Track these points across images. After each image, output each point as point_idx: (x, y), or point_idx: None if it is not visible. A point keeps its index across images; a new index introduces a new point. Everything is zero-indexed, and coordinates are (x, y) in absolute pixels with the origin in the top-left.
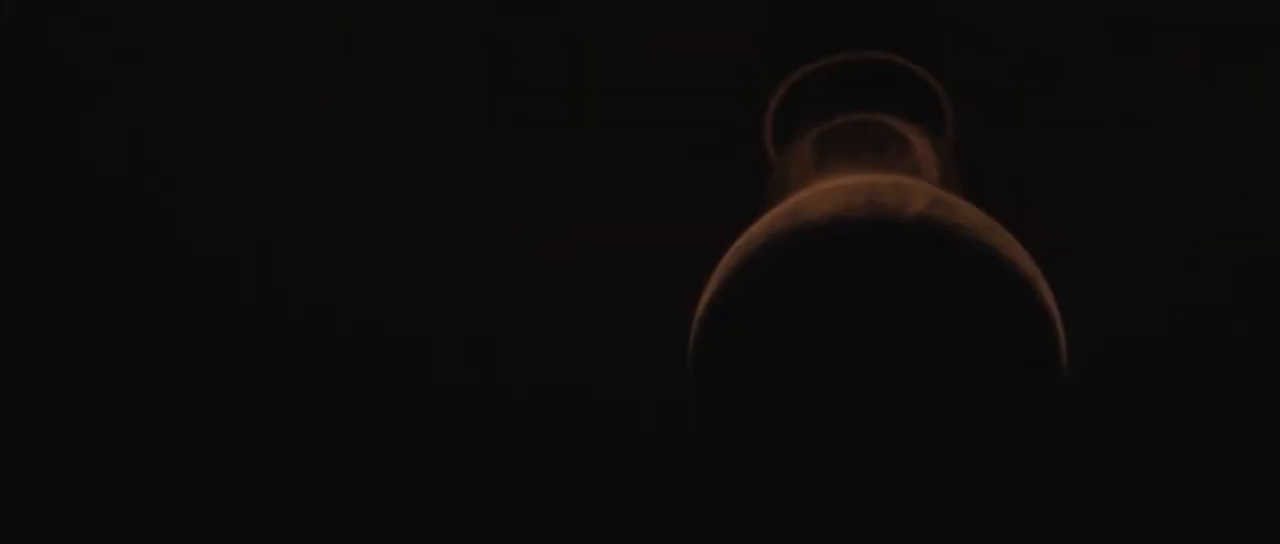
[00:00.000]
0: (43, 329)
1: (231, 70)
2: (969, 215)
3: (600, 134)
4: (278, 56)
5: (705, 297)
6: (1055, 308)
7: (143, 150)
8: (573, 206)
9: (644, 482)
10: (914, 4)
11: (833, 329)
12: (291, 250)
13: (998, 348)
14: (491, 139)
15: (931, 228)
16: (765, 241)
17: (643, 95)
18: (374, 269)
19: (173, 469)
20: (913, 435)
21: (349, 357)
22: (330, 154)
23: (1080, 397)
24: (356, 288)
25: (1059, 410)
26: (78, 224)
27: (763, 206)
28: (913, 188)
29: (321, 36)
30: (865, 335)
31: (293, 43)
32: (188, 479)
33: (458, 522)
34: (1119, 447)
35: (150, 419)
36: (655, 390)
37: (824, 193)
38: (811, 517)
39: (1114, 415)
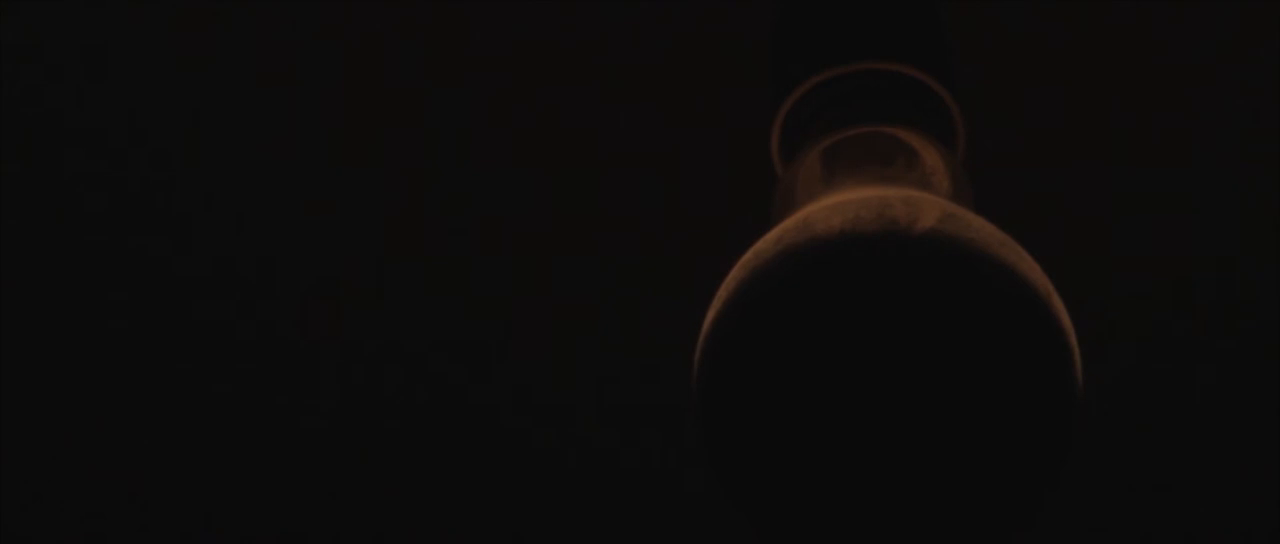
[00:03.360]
0: (43, 335)
1: (231, 77)
2: (981, 229)
3: (602, 143)
4: (277, 59)
5: (712, 312)
6: (1069, 325)
7: (137, 154)
8: (574, 219)
9: (645, 495)
10: (922, 15)
11: (842, 345)
12: (290, 255)
13: (1010, 366)
14: (490, 137)
15: (943, 242)
16: (774, 256)
17: (645, 107)
18: (370, 273)
19: (170, 474)
20: (923, 455)
21: (342, 366)
22: (327, 158)
23: (1094, 411)
24: (353, 293)
25: (1073, 430)
26: (79, 243)
27: (770, 220)
28: (923, 201)
29: (322, 36)
30: (875, 351)
31: (292, 43)
32: (185, 485)
33: (457, 527)
34: (1133, 461)
35: (149, 420)
36: (658, 402)
37: (833, 207)
38: (818, 536)
39: (1127, 428)
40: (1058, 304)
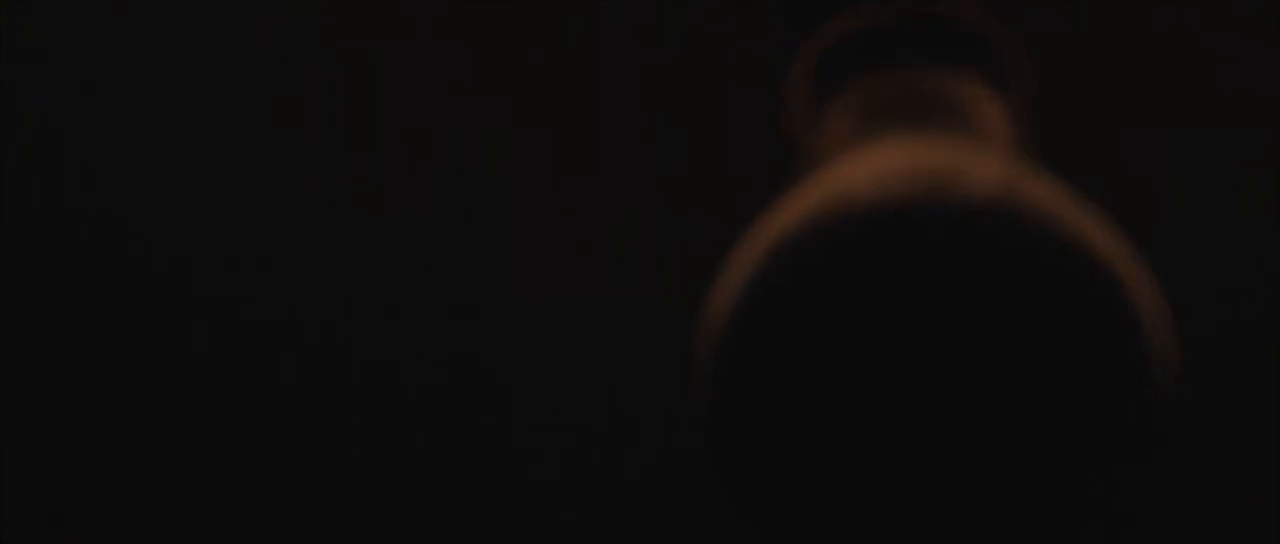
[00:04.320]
0: (40, 335)
1: (232, 79)
2: (1046, 193)
3: (602, 143)
4: (278, 59)
5: (725, 291)
6: (1153, 307)
7: (132, 155)
8: (574, 219)
9: (645, 496)
10: None
11: (879, 331)
12: (288, 255)
13: (1081, 358)
14: (489, 137)
15: (1000, 208)
16: (795, 228)
17: (645, 107)
18: (369, 273)
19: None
20: (974, 458)
21: (339, 367)
22: (325, 158)
23: (1183, 409)
24: (351, 293)
25: (1155, 433)
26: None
27: (795, 180)
28: (977, 160)
29: (321, 37)
30: (918, 339)
31: (293, 44)
32: (184, 486)
33: (457, 528)
34: (1224, 463)
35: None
36: (657, 403)
37: (869, 166)
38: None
39: (1217, 427)
40: (1139, 283)
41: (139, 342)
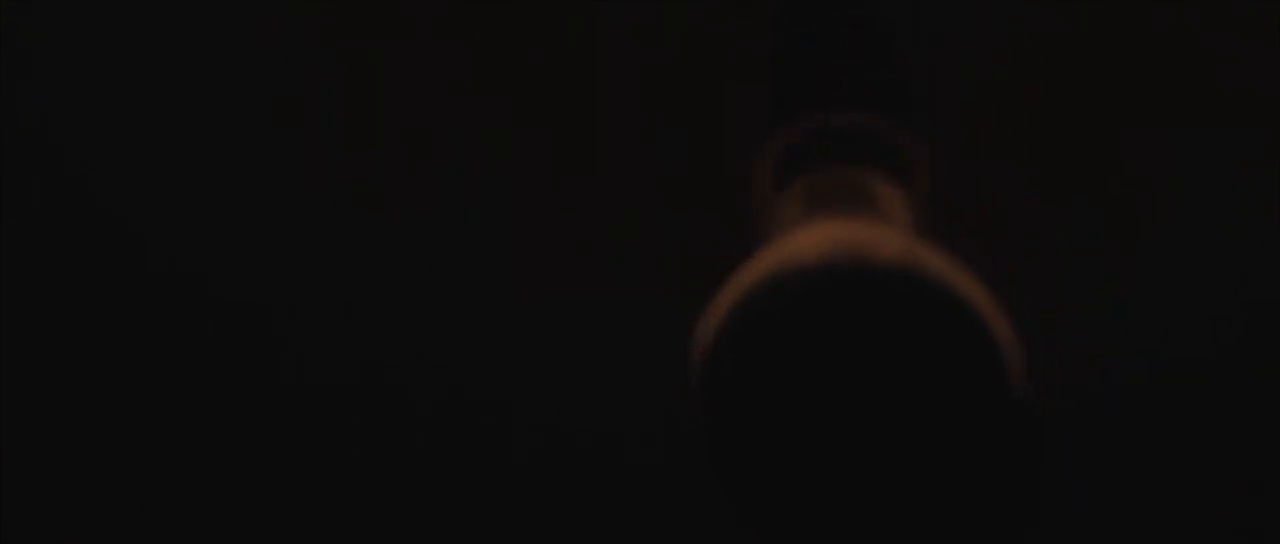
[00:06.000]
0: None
1: (236, 83)
2: (936, 259)
3: (601, 144)
4: (280, 63)
5: (706, 330)
6: (1010, 338)
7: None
8: (573, 220)
9: (647, 498)
10: (891, 74)
11: (819, 356)
12: (290, 255)
13: (956, 383)
14: (489, 140)
15: (901, 269)
16: (759, 281)
17: (645, 107)
18: (369, 273)
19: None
20: (892, 469)
21: (328, 374)
22: (325, 160)
23: (1078, 434)
24: (352, 293)
25: (1017, 446)
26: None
27: (757, 247)
28: (888, 235)
29: (321, 38)
30: (847, 364)
31: (295, 47)
32: (188, 486)
33: (456, 527)
34: (1227, 457)
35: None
36: (659, 400)
37: (810, 238)
38: (809, 532)
39: (1217, 425)
40: (1000, 321)
41: (138, 341)
